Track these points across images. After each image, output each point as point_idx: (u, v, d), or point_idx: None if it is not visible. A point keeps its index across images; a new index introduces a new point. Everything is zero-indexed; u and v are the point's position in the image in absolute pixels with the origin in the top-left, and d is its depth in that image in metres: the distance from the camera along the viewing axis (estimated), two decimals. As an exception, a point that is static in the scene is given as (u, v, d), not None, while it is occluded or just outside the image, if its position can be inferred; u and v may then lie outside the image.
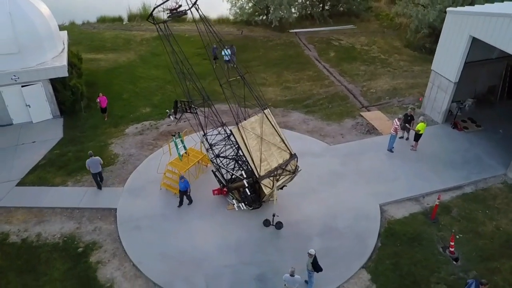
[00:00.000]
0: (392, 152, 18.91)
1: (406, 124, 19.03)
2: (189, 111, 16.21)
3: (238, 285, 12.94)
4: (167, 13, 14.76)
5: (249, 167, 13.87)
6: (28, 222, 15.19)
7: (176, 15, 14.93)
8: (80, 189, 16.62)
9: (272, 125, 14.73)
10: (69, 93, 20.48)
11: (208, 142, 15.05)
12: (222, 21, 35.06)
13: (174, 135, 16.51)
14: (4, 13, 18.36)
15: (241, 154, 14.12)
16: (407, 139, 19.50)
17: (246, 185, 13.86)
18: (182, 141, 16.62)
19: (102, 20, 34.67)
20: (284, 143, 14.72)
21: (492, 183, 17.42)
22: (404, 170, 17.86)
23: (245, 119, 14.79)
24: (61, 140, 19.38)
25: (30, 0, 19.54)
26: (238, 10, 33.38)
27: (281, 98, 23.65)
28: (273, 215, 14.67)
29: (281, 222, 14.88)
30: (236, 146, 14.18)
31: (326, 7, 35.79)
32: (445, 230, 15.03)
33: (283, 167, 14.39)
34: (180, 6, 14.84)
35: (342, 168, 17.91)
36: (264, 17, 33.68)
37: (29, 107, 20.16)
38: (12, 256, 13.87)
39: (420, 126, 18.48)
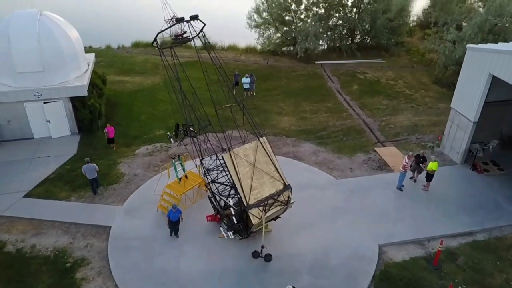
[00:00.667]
0: (402, 190, 18.05)
1: (420, 165, 18.09)
2: (189, 135, 16.32)
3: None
4: (172, 39, 15.16)
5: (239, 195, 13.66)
6: (26, 233, 15.63)
7: (181, 41, 15.31)
8: (81, 205, 16.99)
9: (267, 153, 14.51)
10: (87, 112, 21.34)
11: (204, 167, 15.01)
12: (249, 50, 35.73)
13: (174, 158, 16.62)
14: (33, 34, 19.66)
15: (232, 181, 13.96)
16: (415, 181, 18.52)
17: (233, 212, 13.60)
18: (181, 164, 16.72)
19: (136, 45, 36.35)
20: (278, 172, 14.41)
21: (508, 231, 16.09)
22: (411, 210, 16.91)
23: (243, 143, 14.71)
24: (74, 156, 20.07)
25: (58, 23, 20.84)
26: (265, 40, 33.93)
27: (295, 128, 23.40)
28: (262, 247, 14.23)
29: (270, 255, 14.39)
30: (228, 172, 14.06)
31: (356, 40, 35.65)
32: (447, 279, 13.91)
33: (275, 197, 14.04)
34: (185, 32, 15.23)
35: (345, 203, 17.24)
36: (291, 48, 33.97)
37: (49, 122, 21.16)
38: (4, 265, 14.24)
39: (432, 166, 17.58)
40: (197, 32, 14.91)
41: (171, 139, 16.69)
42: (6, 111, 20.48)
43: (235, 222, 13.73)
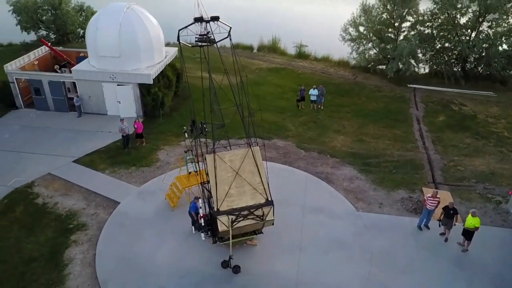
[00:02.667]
0: (421, 229, 15.72)
1: (448, 219, 15.19)
2: (202, 132, 16.63)
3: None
4: (196, 38, 15.65)
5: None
6: (57, 191, 18.01)
7: (204, 40, 15.70)
8: (109, 179, 18.78)
9: (256, 164, 13.95)
10: (150, 99, 23.39)
11: (199, 167, 15.08)
12: (341, 63, 34.34)
13: (187, 152, 17.16)
14: (116, 24, 22.40)
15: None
16: (446, 240, 15.51)
17: (201, 214, 13.46)
18: (193, 159, 17.15)
19: (236, 46, 38.02)
20: (263, 186, 13.74)
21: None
22: (425, 265, 14.32)
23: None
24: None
25: (141, 16, 23.30)
26: (360, 56, 32.16)
27: (346, 149, 21.78)
28: (230, 257, 13.78)
29: (239, 267, 13.86)
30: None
31: (464, 67, 31.28)
32: None
33: (251, 210, 13.44)
34: (208, 32, 15.58)
35: (351, 238, 15.49)
36: (385, 67, 31.57)
37: (119, 103, 23.84)
38: (27, 213, 16.69)
39: (474, 222, 14.56)
40: (215, 37, 15.00)
41: (186, 134, 17.23)
42: (89, 88, 23.77)
43: (202, 224, 13.59)
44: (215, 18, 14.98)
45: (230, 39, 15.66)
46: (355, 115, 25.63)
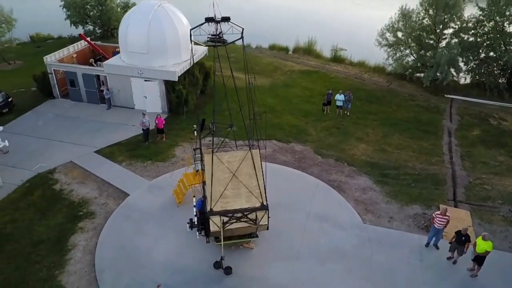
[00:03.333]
0: (427, 246, 14.97)
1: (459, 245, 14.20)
2: (211, 132, 16.73)
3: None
4: (208, 38, 15.75)
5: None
6: (75, 179, 18.87)
7: (217, 40, 15.76)
8: (124, 171, 19.39)
9: (254, 167, 13.82)
10: (174, 96, 23.89)
11: (202, 166, 15.14)
12: (377, 69, 33.16)
13: (195, 150, 17.30)
14: (146, 20, 23.09)
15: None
16: (454, 262, 14.51)
17: (194, 212, 13.52)
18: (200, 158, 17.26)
19: (272, 47, 37.98)
20: (260, 189, 13.58)
21: None
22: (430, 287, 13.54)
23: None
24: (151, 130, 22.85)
25: (171, 14, 23.83)
26: (396, 62, 30.90)
27: (365, 158, 21.04)
28: (221, 258, 13.76)
29: (230, 268, 13.83)
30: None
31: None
32: None
33: (245, 213, 13.33)
34: (220, 32, 15.61)
35: (351, 250, 14.94)
36: (421, 75, 30.11)
37: (146, 98, 24.56)
38: (45, 197, 17.64)
39: (485, 245, 13.57)
40: (223, 39, 15.04)
41: (195, 132, 17.35)
42: (119, 82, 24.68)
43: (195, 222, 13.65)
44: (226, 19, 14.99)
45: (243, 41, 15.55)
46: (382, 124, 24.68)
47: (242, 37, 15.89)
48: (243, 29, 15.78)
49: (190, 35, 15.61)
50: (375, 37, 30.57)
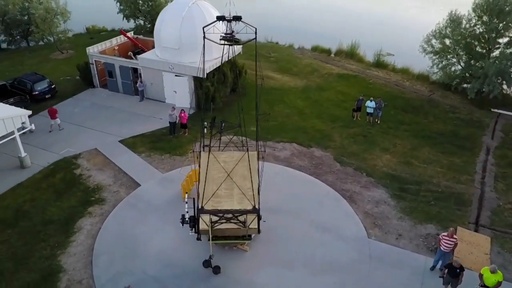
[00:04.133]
0: (432, 270, 14.06)
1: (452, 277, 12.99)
2: (220, 131, 16.80)
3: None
4: (221, 37, 15.77)
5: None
6: (95, 165, 19.78)
7: (229, 39, 15.76)
8: (141, 162, 20.00)
9: (250, 169, 13.63)
10: (202, 92, 24.24)
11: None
12: (420, 77, 31.36)
13: (205, 147, 17.41)
14: (179, 16, 23.62)
15: None
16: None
17: (186, 209, 13.57)
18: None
19: (315, 48, 37.23)
20: (253, 192, 13.37)
21: None
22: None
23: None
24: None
25: (204, 11, 24.12)
26: (440, 71, 29.03)
27: (386, 170, 20.00)
28: (210, 257, 13.75)
29: (219, 268, 13.81)
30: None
31: None
32: None
33: (235, 214, 13.20)
34: (233, 31, 15.58)
35: (348, 264, 14.29)
36: (467, 86, 28.02)
37: (175, 93, 25.15)
38: (64, 180, 18.67)
39: (498, 277, 12.38)
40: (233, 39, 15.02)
41: (205, 129, 17.39)
42: (152, 75, 25.50)
43: (186, 219, 13.69)
44: (237, 18, 14.97)
45: (256, 40, 15.42)
46: (413, 135, 23.32)
47: (255, 37, 15.75)
48: (256, 28, 15.65)
49: (204, 32, 15.71)
50: (420, 43, 28.91)
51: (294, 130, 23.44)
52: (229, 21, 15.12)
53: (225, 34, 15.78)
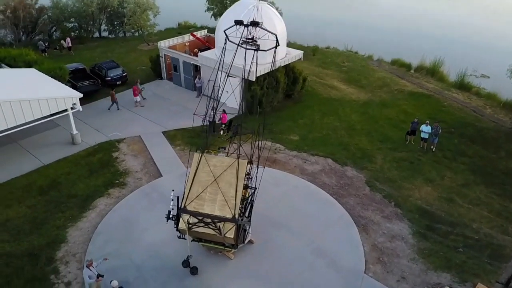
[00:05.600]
0: None
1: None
2: (234, 134, 16.76)
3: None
4: (240, 41, 15.70)
5: None
6: (133, 151, 21.17)
7: (249, 43, 15.65)
8: (172, 154, 20.86)
9: (237, 178, 13.33)
10: (249, 95, 24.34)
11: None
12: (507, 105, 27.23)
13: (220, 149, 17.49)
14: (237, 17, 23.58)
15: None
16: None
17: (171, 205, 13.68)
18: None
19: (394, 62, 34.67)
20: (235, 201, 13.06)
21: None
22: None
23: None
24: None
25: (263, 15, 23.81)
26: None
27: (420, 204, 17.94)
28: (187, 257, 13.83)
29: (196, 269, 13.90)
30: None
31: None
32: None
33: (214, 220, 13.05)
34: (253, 37, 15.40)
35: (328, 297, 13.21)
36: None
37: (227, 92, 25.61)
38: (101, 161, 20.29)
39: None
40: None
41: (222, 131, 17.40)
42: (209, 73, 26.33)
43: (170, 216, 13.83)
44: (255, 23, 14.83)
45: (276, 47, 15.17)
46: (471, 169, 20.46)
47: (276, 45, 15.50)
48: (276, 35, 15.37)
49: (226, 35, 15.86)
50: (507, 67, 25.17)
51: (335, 145, 22.28)
52: (246, 26, 15.00)
53: (246, 38, 15.68)
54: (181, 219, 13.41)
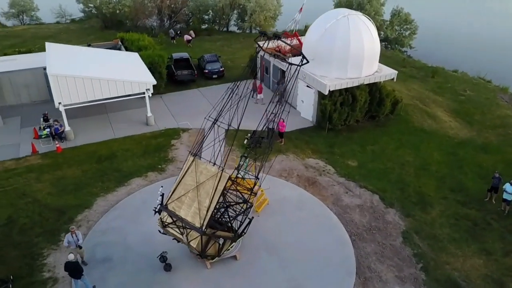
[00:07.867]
0: None
1: None
2: (256, 145, 16.38)
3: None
4: (269, 53, 15.12)
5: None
6: (189, 142, 22.14)
7: (276, 55, 15.06)
8: (222, 153, 21.31)
9: (215, 190, 13.02)
10: (319, 109, 23.08)
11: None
12: None
13: (242, 157, 17.15)
14: (322, 28, 22.80)
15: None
16: None
17: (158, 199, 14.00)
18: (245, 166, 17.03)
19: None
20: (207, 213, 12.83)
21: None
22: None
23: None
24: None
25: (351, 27, 22.18)
26: None
27: (456, 277, 14.62)
28: (162, 252, 14.23)
29: (170, 266, 14.39)
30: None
31: None
32: None
33: (184, 225, 13.11)
34: (279, 50, 14.69)
35: None
36: None
37: (302, 102, 24.86)
38: (158, 145, 21.98)
39: None
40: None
41: (246, 141, 16.76)
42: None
43: (157, 208, 14.15)
44: (277, 36, 14.24)
45: (301, 63, 14.43)
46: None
47: (301, 61, 14.74)
48: (302, 53, 14.61)
49: (258, 45, 15.62)
50: None
51: (392, 182, 19.63)
52: (269, 38, 14.44)
53: (275, 50, 15.14)
54: (161, 215, 13.87)
